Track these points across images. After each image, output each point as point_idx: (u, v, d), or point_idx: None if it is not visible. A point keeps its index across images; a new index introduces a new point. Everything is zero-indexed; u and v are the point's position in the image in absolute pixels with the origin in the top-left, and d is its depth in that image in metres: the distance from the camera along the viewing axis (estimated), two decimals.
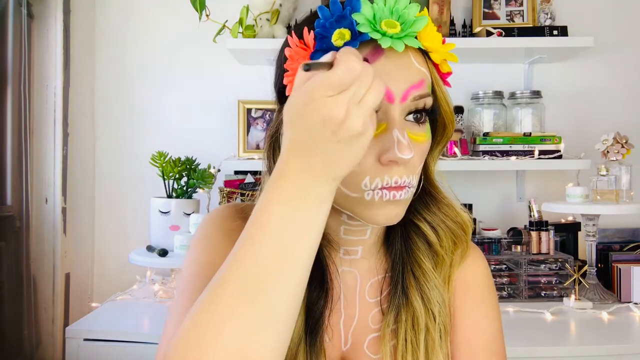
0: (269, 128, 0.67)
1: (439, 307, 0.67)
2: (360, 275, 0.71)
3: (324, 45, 0.58)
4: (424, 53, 0.63)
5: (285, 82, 0.61)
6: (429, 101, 0.61)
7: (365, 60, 0.51)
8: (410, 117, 0.61)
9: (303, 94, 0.46)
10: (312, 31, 0.59)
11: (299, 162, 0.47)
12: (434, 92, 0.63)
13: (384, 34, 0.57)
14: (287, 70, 0.60)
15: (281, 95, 0.65)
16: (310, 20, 0.61)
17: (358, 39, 0.57)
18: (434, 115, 0.64)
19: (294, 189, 0.48)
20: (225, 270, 0.49)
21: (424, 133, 0.62)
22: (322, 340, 0.66)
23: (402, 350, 0.66)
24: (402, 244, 0.71)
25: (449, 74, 0.65)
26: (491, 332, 0.71)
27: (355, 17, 0.57)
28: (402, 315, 0.67)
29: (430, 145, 0.66)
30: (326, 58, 0.47)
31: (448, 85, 0.66)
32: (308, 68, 0.46)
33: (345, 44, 0.57)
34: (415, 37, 0.60)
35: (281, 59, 0.64)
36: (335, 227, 0.68)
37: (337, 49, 0.53)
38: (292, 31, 0.62)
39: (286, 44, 0.61)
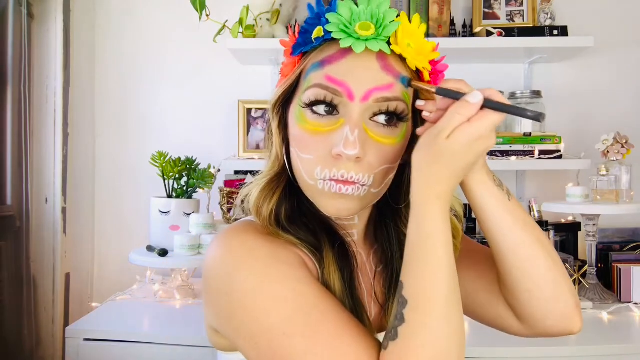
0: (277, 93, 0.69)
1: None
2: (364, 255, 0.75)
3: (300, 39, 0.66)
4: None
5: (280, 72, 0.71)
6: (393, 105, 0.63)
7: (334, 57, 0.63)
8: (381, 118, 0.63)
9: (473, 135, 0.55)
10: (298, 25, 0.67)
11: (453, 184, 0.58)
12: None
13: (350, 35, 0.61)
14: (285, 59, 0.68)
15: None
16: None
17: (323, 37, 0.63)
18: (404, 121, 0.65)
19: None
20: (432, 285, 0.56)
21: (391, 136, 0.64)
22: (363, 301, 0.69)
23: None
24: (397, 248, 0.74)
25: (435, 84, 0.66)
26: None
27: (328, 16, 0.62)
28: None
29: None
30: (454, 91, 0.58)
31: (433, 99, 0.66)
32: (441, 93, 0.58)
33: (316, 39, 0.64)
34: (388, 42, 0.62)
35: None
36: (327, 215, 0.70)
37: (312, 43, 0.64)
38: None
39: None
